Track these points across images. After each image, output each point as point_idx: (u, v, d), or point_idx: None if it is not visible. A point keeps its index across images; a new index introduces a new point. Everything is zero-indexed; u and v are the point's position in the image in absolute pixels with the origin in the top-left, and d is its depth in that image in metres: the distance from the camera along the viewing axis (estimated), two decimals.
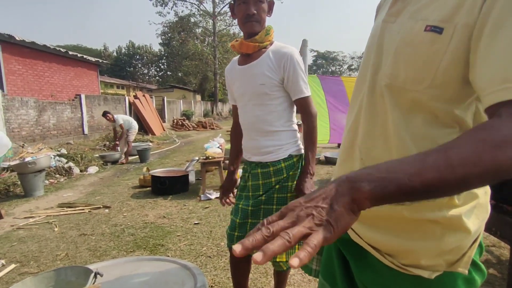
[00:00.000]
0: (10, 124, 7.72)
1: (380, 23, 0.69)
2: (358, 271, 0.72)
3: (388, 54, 0.64)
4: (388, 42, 0.66)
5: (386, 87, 0.64)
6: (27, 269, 2.67)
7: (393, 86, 0.63)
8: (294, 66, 1.49)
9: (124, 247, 3.02)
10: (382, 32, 0.68)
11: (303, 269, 1.02)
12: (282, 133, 1.59)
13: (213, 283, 2.33)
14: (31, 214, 4.03)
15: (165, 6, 29.73)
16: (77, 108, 10.50)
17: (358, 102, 0.72)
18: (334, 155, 7.19)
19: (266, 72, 1.50)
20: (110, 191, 5.13)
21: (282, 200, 1.60)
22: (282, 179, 1.59)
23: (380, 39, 0.68)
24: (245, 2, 1.46)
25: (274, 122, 1.57)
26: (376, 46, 0.69)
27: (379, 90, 0.66)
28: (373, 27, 0.76)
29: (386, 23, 0.68)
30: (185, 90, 30.35)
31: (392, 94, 0.63)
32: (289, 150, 1.61)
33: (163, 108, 18.19)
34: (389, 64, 0.63)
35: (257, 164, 1.65)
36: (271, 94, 1.52)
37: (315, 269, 0.97)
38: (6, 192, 5.01)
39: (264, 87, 1.51)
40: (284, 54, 1.50)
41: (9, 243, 3.17)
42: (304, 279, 2.37)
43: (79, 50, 28.65)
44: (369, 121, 0.68)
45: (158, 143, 11.69)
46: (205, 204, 4.28)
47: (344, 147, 0.77)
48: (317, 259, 0.97)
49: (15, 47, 9.87)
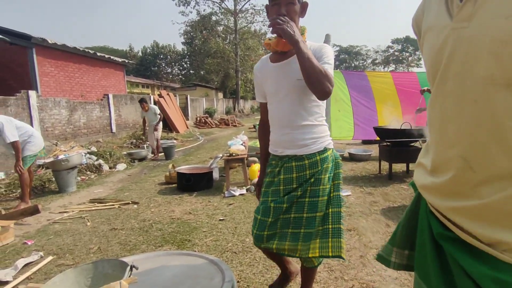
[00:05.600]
0: (44, 124, 8.11)
1: (447, 31, 0.71)
2: (471, 268, 0.72)
3: (479, 58, 0.65)
4: (468, 47, 0.67)
5: (489, 86, 0.65)
6: (63, 261, 2.81)
7: (498, 84, 0.63)
8: (331, 60, 1.57)
9: (153, 241, 3.12)
10: (453, 40, 0.69)
11: (382, 262, 1.03)
12: (317, 127, 1.65)
13: (239, 279, 2.37)
14: (65, 209, 4.23)
15: (187, 6, 30.08)
16: (105, 107, 10.87)
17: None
18: (358, 152, 7.09)
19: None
20: (138, 187, 5.30)
21: (315, 192, 1.62)
22: (317, 171, 1.62)
23: (452, 48, 0.69)
24: (277, 3, 1.51)
25: (309, 117, 1.62)
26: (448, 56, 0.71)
27: (472, 95, 0.67)
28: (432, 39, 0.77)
29: (457, 30, 0.69)
30: (208, 88, 30.68)
31: (497, 90, 0.64)
32: (324, 143, 1.66)
33: (186, 106, 18.50)
34: (485, 67, 0.64)
35: (291, 157, 1.67)
36: (306, 89, 1.54)
37: (394, 261, 1.00)
38: (42, 188, 5.28)
39: (301, 82, 1.53)
40: (318, 48, 1.58)
41: (46, 236, 3.35)
42: (331, 276, 2.37)
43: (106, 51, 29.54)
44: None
45: (182, 140, 11.92)
46: (229, 200, 4.34)
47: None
48: (396, 253, 1.00)
49: (47, 50, 10.34)
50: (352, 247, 2.84)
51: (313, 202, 1.62)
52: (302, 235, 1.64)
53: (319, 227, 1.64)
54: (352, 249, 2.79)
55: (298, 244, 1.64)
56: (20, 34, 9.60)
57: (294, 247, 1.65)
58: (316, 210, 1.62)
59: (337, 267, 2.49)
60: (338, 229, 1.64)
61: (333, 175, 1.68)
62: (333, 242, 1.62)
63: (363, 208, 3.84)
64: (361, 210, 3.78)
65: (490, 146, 0.66)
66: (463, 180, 0.72)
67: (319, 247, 1.62)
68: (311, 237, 1.63)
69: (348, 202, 4.07)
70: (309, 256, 1.64)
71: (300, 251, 1.65)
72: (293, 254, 1.68)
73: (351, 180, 5.18)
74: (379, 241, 2.93)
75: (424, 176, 0.87)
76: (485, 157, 0.67)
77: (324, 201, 1.63)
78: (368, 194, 4.39)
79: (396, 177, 5.21)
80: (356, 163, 6.52)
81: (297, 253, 1.66)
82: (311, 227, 1.62)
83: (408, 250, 0.99)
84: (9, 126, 4.06)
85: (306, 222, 1.63)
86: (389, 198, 4.17)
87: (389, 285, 2.24)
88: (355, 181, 5.14)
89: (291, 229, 1.66)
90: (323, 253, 1.62)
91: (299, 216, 1.64)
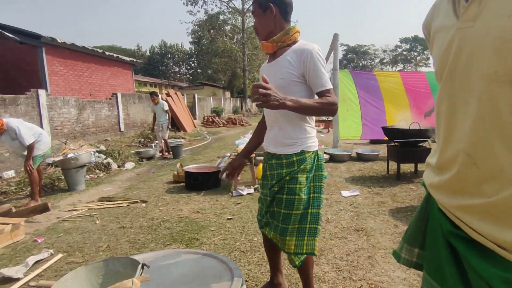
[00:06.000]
0: (53, 122, 8.21)
1: (454, 31, 0.73)
2: (480, 268, 0.73)
3: (483, 55, 0.67)
4: (473, 45, 0.69)
5: (493, 83, 0.66)
6: (73, 258, 2.84)
7: (502, 81, 0.65)
8: (314, 61, 1.60)
9: (161, 240, 3.14)
10: (459, 39, 0.72)
11: (395, 256, 1.07)
12: (298, 128, 1.71)
13: (248, 278, 2.37)
14: (74, 207, 4.28)
15: (195, 5, 30.22)
16: (113, 106, 10.97)
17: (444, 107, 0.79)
18: (366, 152, 7.03)
19: (286, 68, 1.64)
20: (146, 186, 5.33)
21: (291, 190, 1.69)
22: (293, 171, 1.70)
23: (458, 47, 0.72)
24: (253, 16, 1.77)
25: (291, 116, 1.68)
26: (454, 54, 0.73)
27: (477, 92, 0.69)
28: (440, 40, 0.80)
29: (462, 29, 0.71)
30: (215, 87, 30.77)
31: (500, 87, 0.65)
32: (302, 146, 1.71)
33: (194, 105, 18.57)
34: (488, 64, 0.66)
35: (272, 155, 1.79)
36: (289, 88, 1.63)
37: (404, 257, 1.03)
38: (51, 186, 5.35)
39: (283, 81, 1.63)
40: (304, 50, 1.62)
41: (56, 234, 3.40)
42: (339, 277, 2.36)
43: (114, 50, 29.81)
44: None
45: (190, 139, 11.97)
46: (237, 200, 4.34)
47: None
48: (406, 249, 1.02)
49: (57, 49, 10.46)
50: (360, 247, 2.82)
51: (290, 200, 1.70)
52: (280, 229, 1.73)
53: (295, 225, 1.71)
54: (360, 250, 2.78)
55: (277, 235, 1.75)
56: (30, 33, 9.73)
57: (274, 237, 1.78)
58: (292, 208, 1.69)
59: (345, 268, 2.48)
60: (314, 229, 1.72)
61: (313, 177, 1.73)
62: (307, 240, 1.71)
63: (371, 208, 3.82)
64: (369, 210, 3.75)
65: (494, 142, 0.67)
66: (467, 177, 0.74)
67: (294, 245, 1.71)
68: (286, 233, 1.71)
69: (356, 202, 4.05)
70: (285, 251, 1.74)
71: (279, 243, 1.77)
72: (278, 244, 1.80)
73: (359, 180, 5.15)
74: (387, 242, 2.90)
75: (432, 174, 0.89)
76: (489, 153, 0.68)
77: (302, 200, 1.68)
78: (376, 195, 4.36)
79: (404, 178, 5.17)
80: (364, 163, 6.48)
81: (279, 244, 1.79)
82: (286, 223, 1.71)
83: (418, 248, 1.00)
84: (25, 129, 4.16)
85: (283, 218, 1.72)
86: (397, 199, 4.13)
87: (398, 286, 2.23)
88: (363, 181, 5.11)
89: (275, 221, 1.78)
90: (297, 250, 1.71)
91: (278, 211, 1.74)
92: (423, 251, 0.98)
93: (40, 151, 4.38)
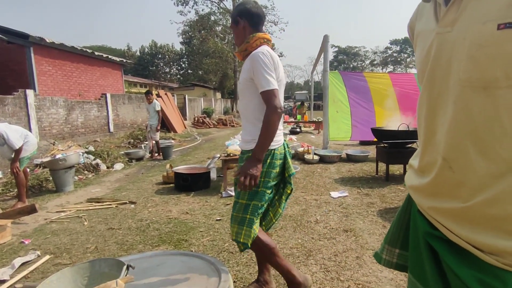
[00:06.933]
0: (41, 123, 8.09)
1: (433, 35, 0.74)
2: (457, 268, 0.74)
3: (459, 60, 0.68)
4: (451, 50, 0.69)
5: (467, 88, 0.67)
6: (60, 260, 2.81)
7: (475, 86, 0.66)
8: (255, 64, 1.73)
9: (150, 241, 3.12)
10: (438, 43, 0.72)
11: (376, 258, 1.09)
12: (255, 128, 1.83)
13: (236, 279, 2.38)
14: (62, 209, 4.23)
15: (186, 5, 29.98)
16: (103, 107, 10.85)
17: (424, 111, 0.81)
18: (355, 153, 7.10)
19: (243, 74, 1.83)
20: (135, 187, 5.29)
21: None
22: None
23: (437, 51, 0.73)
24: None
25: (248, 116, 1.88)
26: (433, 58, 0.74)
27: (453, 97, 0.70)
28: (421, 43, 0.81)
29: (441, 34, 0.72)
30: (206, 88, 30.65)
31: (474, 92, 0.66)
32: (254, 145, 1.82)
33: (184, 106, 18.49)
34: (464, 69, 0.67)
35: (241, 150, 1.99)
36: (246, 90, 1.83)
37: (384, 258, 1.05)
38: (39, 187, 5.27)
39: (241, 85, 1.85)
40: (251, 56, 1.77)
41: (44, 236, 3.35)
42: (327, 277, 2.38)
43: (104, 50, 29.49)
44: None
45: (180, 140, 11.91)
46: (227, 201, 4.34)
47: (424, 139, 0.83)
48: (387, 250, 1.04)
49: (45, 48, 10.30)
50: (349, 248, 2.85)
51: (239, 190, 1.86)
52: (231, 216, 1.88)
53: (239, 213, 1.82)
54: (349, 250, 2.81)
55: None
56: (18, 33, 9.56)
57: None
58: (239, 197, 1.84)
59: (333, 268, 2.51)
60: (252, 219, 1.80)
61: (264, 172, 1.83)
62: (245, 231, 1.79)
63: (360, 209, 3.86)
64: (358, 211, 3.79)
65: (468, 147, 0.68)
66: (443, 181, 0.75)
67: (235, 232, 1.81)
68: (232, 220, 1.85)
69: (345, 203, 4.09)
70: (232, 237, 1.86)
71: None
72: None
73: (348, 181, 5.20)
74: (376, 243, 2.94)
75: (413, 176, 0.90)
76: (463, 158, 0.69)
77: (246, 191, 1.80)
78: (365, 195, 4.41)
79: (393, 179, 5.23)
80: (354, 164, 6.54)
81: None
82: (234, 210, 1.86)
83: (398, 248, 1.01)
84: (12, 133, 4.08)
85: (233, 205, 1.89)
86: (386, 200, 4.19)
87: (385, 286, 2.26)
88: (353, 182, 5.16)
89: None
90: (237, 238, 1.80)
91: (235, 201, 1.89)
92: (404, 251, 1.00)
93: (27, 152, 4.31)
